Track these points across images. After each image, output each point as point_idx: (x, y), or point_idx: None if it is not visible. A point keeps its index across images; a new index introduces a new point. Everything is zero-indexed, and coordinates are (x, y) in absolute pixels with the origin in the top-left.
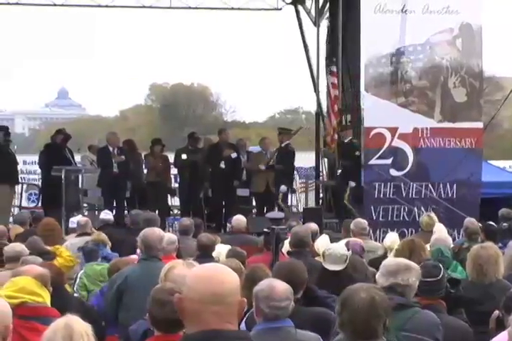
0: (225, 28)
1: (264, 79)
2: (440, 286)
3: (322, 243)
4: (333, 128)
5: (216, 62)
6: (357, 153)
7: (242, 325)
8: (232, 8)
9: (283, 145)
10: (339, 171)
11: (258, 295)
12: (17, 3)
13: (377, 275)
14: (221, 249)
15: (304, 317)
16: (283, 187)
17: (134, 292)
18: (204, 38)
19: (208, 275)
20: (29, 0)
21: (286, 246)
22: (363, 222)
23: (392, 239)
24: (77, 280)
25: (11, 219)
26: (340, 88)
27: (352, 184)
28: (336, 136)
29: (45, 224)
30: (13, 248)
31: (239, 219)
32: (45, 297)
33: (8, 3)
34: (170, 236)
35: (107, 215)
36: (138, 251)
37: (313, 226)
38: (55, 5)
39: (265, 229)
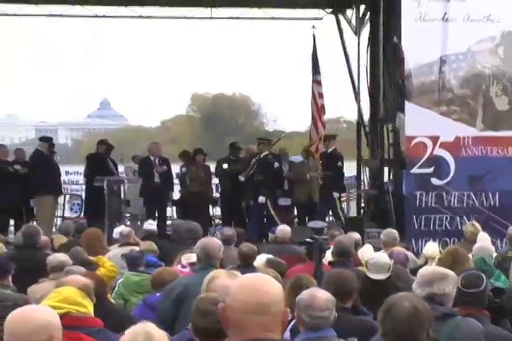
0: (266, 37)
1: (305, 88)
2: (483, 297)
3: (366, 252)
4: (319, 138)
5: (257, 72)
6: (339, 163)
7: (287, 334)
8: (273, 18)
9: (262, 155)
10: (320, 182)
11: (299, 305)
12: (60, 15)
13: (413, 286)
14: (262, 259)
15: (350, 325)
16: (261, 198)
17: (192, 301)
18: (245, 47)
19: (252, 286)
20: (70, 12)
21: (327, 256)
22: (394, 231)
23: (433, 248)
24: (116, 288)
25: (54, 229)
26: (382, 97)
27: (335, 195)
28: (320, 146)
29: (88, 234)
30: (56, 258)
31: (284, 229)
32: (88, 307)
33: (51, 15)
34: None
35: (150, 225)
36: (187, 259)
37: (355, 235)
38: (96, 16)
39: (307, 239)
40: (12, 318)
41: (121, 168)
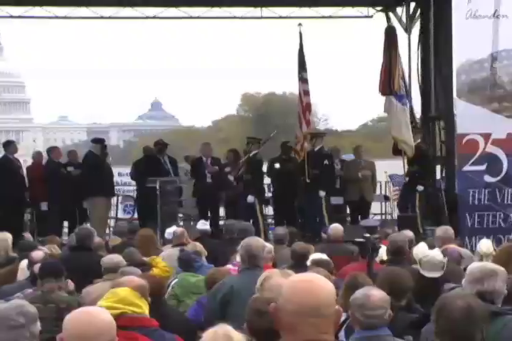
0: (316, 36)
1: (356, 86)
2: None
3: (420, 250)
4: (304, 136)
5: (309, 71)
6: (325, 161)
7: (342, 333)
8: (323, 17)
9: (251, 154)
10: (308, 181)
11: (354, 304)
12: (110, 17)
13: (463, 283)
14: (315, 258)
15: (405, 323)
16: (250, 198)
17: (239, 302)
18: (295, 47)
19: (305, 287)
20: (121, 14)
21: (381, 255)
22: (450, 228)
23: (487, 245)
24: (169, 288)
25: (107, 230)
26: (433, 95)
27: (322, 193)
28: (306, 144)
29: (141, 235)
30: (111, 259)
31: (336, 228)
32: (144, 308)
33: (102, 17)
34: (266, 246)
35: (203, 225)
36: (238, 259)
37: (409, 233)
38: (146, 17)
39: (358, 239)
40: (76, 320)
41: None
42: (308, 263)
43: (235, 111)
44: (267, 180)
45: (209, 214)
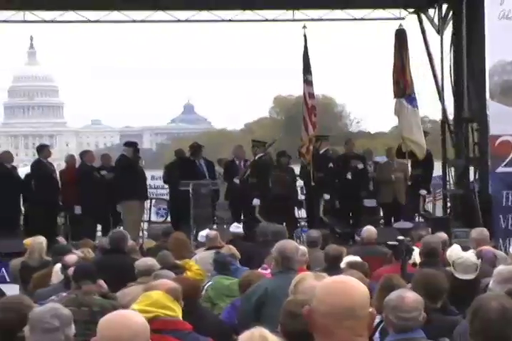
0: (348, 38)
1: (388, 88)
2: None
3: (454, 252)
4: (309, 139)
5: (341, 74)
6: (330, 164)
7: (376, 336)
8: (355, 19)
9: (256, 158)
10: (313, 184)
11: (387, 306)
12: (142, 21)
13: (491, 284)
14: (349, 260)
15: (441, 325)
16: (255, 201)
17: (273, 304)
18: (327, 49)
19: (339, 289)
20: (154, 17)
21: (415, 257)
22: (485, 230)
23: None
24: (204, 291)
25: (141, 233)
26: (466, 96)
27: (326, 197)
28: (311, 147)
29: (174, 238)
30: (144, 262)
31: (370, 230)
32: (177, 311)
33: (134, 21)
34: (300, 248)
35: (237, 228)
36: (268, 262)
37: (442, 235)
38: (179, 21)
39: (391, 243)
40: (110, 323)
41: None
42: (343, 265)
43: (267, 114)
44: (299, 183)
45: (242, 217)
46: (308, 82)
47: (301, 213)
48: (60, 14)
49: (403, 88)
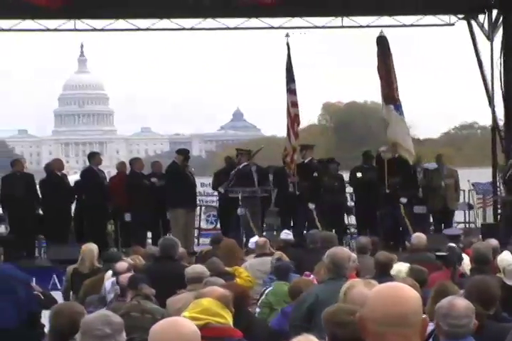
0: (396, 44)
1: (438, 94)
2: None
3: (504, 259)
4: (293, 148)
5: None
6: (315, 173)
7: None
8: (405, 25)
9: (241, 166)
10: (297, 193)
11: (438, 313)
12: (191, 29)
13: None
14: (399, 267)
15: (494, 332)
16: (240, 210)
17: None
18: (375, 55)
19: (391, 297)
20: (203, 25)
21: (465, 263)
22: None
23: None
24: (263, 296)
25: (191, 240)
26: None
27: (311, 206)
28: (295, 156)
29: (225, 245)
30: (194, 269)
31: (419, 237)
32: (228, 318)
33: (183, 29)
34: (351, 255)
35: (287, 235)
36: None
37: (493, 242)
38: (227, 28)
39: (438, 253)
40: (162, 331)
41: None
42: (393, 272)
43: (316, 121)
44: (349, 189)
45: (291, 224)
46: (291, 90)
47: (350, 219)
48: (110, 22)
49: (391, 95)
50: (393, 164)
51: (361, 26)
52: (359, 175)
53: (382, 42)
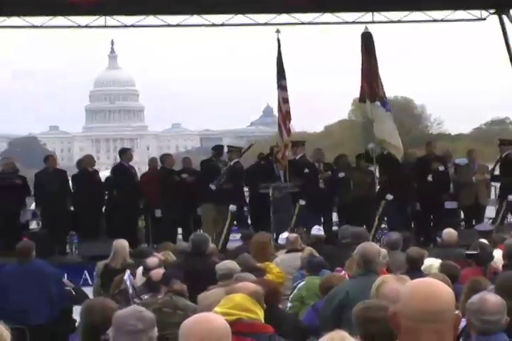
0: (427, 39)
1: (468, 90)
2: None
3: None
4: (285, 145)
5: (418, 74)
6: (306, 170)
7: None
8: (435, 20)
9: (232, 163)
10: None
11: (470, 309)
12: (222, 25)
13: None
14: (431, 263)
15: None
16: (232, 207)
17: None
18: (404, 50)
19: (424, 292)
20: (233, 21)
21: (497, 259)
22: None
23: None
24: (295, 290)
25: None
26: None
27: (302, 202)
28: (287, 153)
29: (255, 240)
30: (225, 265)
31: (450, 233)
32: (259, 313)
33: (214, 25)
34: (381, 251)
35: (318, 231)
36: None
37: None
38: (258, 24)
39: (469, 252)
40: (193, 326)
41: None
42: (424, 268)
43: (346, 116)
44: None
45: (322, 220)
46: (282, 87)
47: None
48: (140, 19)
49: (376, 92)
50: (383, 161)
51: (392, 21)
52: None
53: (367, 39)
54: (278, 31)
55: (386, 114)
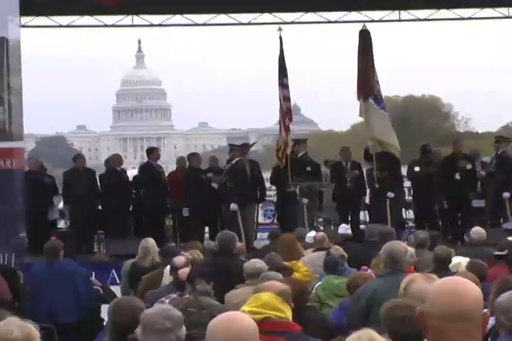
0: (453, 38)
1: (495, 88)
2: None
3: None
4: (285, 143)
5: (445, 73)
6: (308, 168)
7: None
8: (463, 18)
9: (234, 162)
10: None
11: (498, 308)
12: (248, 24)
13: None
14: (458, 261)
15: None
16: (233, 206)
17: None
18: (432, 48)
19: (452, 291)
20: (259, 20)
21: None
22: None
23: None
24: (313, 291)
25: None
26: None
27: (304, 200)
28: (287, 151)
29: (282, 239)
30: (253, 264)
31: (478, 231)
32: (287, 312)
33: (241, 24)
34: (409, 250)
35: (346, 230)
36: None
37: None
38: (285, 23)
39: (497, 253)
40: (221, 325)
41: None
42: (452, 267)
43: None
44: (407, 184)
45: (349, 218)
46: (283, 85)
47: (408, 214)
48: (167, 18)
49: (370, 89)
50: (382, 159)
51: (420, 19)
52: (417, 169)
53: (365, 36)
54: (280, 29)
55: (380, 112)
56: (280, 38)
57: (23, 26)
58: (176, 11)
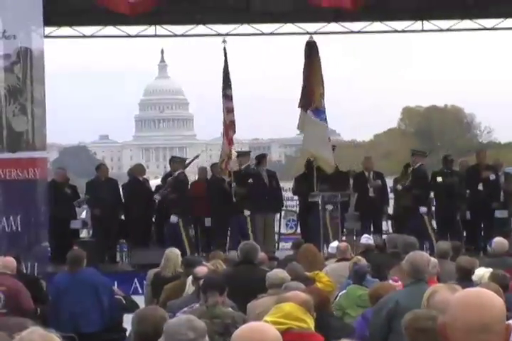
0: (476, 48)
1: None
2: None
3: None
4: (227, 155)
5: (468, 83)
6: (250, 180)
7: None
8: (485, 28)
9: (176, 174)
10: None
11: None
12: (271, 34)
13: None
14: (481, 273)
15: None
16: (173, 218)
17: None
18: (455, 59)
19: (475, 303)
20: (282, 30)
21: None
22: None
23: None
24: (337, 299)
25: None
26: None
27: (247, 213)
28: (230, 163)
29: (305, 250)
30: (275, 274)
31: (501, 242)
32: (309, 323)
33: (263, 34)
34: (431, 260)
35: (368, 240)
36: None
37: None
38: (307, 33)
39: None
40: (245, 336)
41: None
42: (475, 278)
43: (395, 125)
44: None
45: (371, 228)
46: (227, 96)
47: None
48: (190, 28)
49: (309, 101)
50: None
51: (442, 30)
52: (439, 179)
53: (311, 48)
54: (225, 41)
55: (319, 124)
56: (224, 50)
57: (47, 37)
58: (199, 21)
